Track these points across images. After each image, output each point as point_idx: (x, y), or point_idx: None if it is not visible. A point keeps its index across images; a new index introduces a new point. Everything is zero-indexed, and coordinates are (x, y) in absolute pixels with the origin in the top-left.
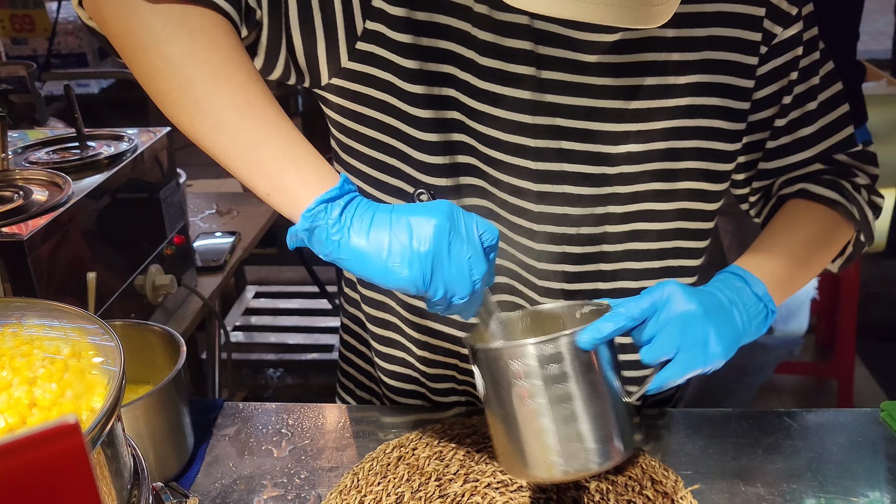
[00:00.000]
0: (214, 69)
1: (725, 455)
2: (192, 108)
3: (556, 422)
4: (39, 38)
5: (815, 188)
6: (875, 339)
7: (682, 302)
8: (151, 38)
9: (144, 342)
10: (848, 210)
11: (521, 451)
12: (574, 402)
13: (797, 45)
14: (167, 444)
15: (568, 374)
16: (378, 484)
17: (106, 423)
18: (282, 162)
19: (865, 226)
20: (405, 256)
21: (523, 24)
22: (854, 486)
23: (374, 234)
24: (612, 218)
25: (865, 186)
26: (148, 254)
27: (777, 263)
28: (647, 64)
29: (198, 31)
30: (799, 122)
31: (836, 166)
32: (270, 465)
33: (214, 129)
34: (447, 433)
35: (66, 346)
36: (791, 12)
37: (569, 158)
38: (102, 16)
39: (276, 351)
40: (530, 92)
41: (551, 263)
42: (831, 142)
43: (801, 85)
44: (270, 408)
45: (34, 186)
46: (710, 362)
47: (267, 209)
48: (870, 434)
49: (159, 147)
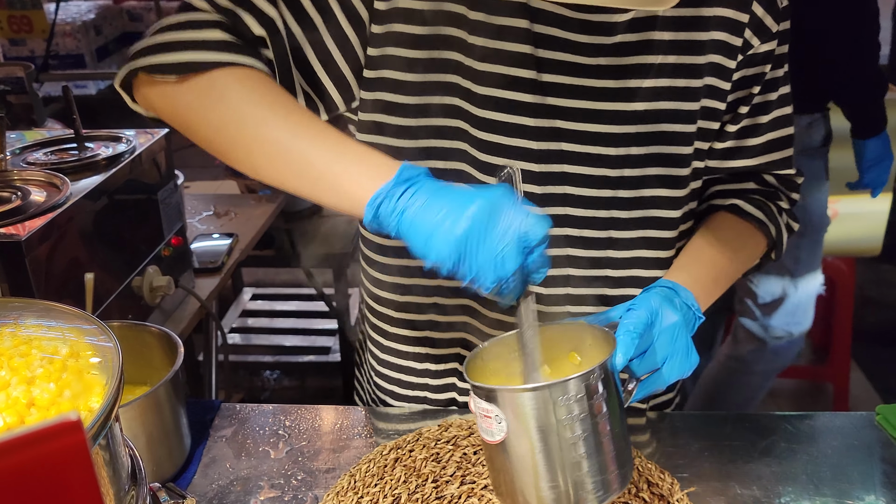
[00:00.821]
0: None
1: (721, 458)
2: (252, 144)
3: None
4: (37, 39)
5: (747, 206)
6: (870, 343)
7: (669, 314)
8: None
9: (142, 343)
10: (769, 231)
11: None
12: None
13: (768, 62)
14: (164, 445)
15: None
16: (375, 485)
17: (104, 424)
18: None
19: (779, 245)
20: (443, 232)
21: (522, 27)
22: (849, 489)
23: (426, 207)
24: (618, 223)
25: (786, 211)
26: (145, 255)
27: (705, 273)
28: (646, 66)
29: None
30: (748, 132)
31: (765, 186)
32: (267, 466)
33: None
34: (444, 435)
35: (65, 347)
36: (772, 28)
37: (570, 160)
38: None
39: (273, 353)
40: (531, 95)
41: (555, 268)
42: (772, 157)
43: (759, 97)
44: (267, 409)
45: (32, 187)
46: (690, 370)
47: (264, 211)
48: (865, 437)
49: (157, 148)
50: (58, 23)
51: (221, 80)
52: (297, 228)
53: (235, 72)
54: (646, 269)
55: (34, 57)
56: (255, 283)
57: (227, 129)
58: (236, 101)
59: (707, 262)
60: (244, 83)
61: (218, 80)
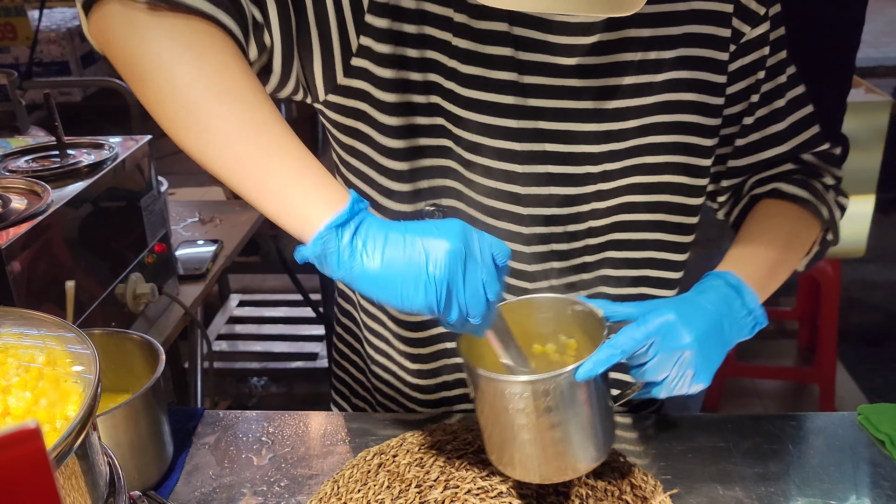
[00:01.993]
0: (221, 90)
1: (704, 459)
2: (199, 131)
3: (542, 443)
4: (21, 47)
5: (788, 187)
6: (856, 344)
7: (679, 335)
8: (158, 62)
9: (123, 351)
10: (818, 209)
11: (509, 454)
12: (562, 428)
13: (764, 45)
14: (146, 453)
15: (559, 405)
16: (358, 491)
17: (80, 432)
18: (289, 182)
19: (833, 225)
20: (420, 281)
21: (503, 31)
22: (832, 489)
23: (388, 258)
24: (596, 213)
25: (832, 187)
26: (129, 262)
27: (758, 268)
28: (624, 64)
29: (205, 53)
30: (768, 119)
31: (804, 167)
32: (250, 473)
33: (222, 150)
34: (427, 440)
35: (42, 355)
36: (759, 12)
37: (553, 160)
38: (109, 43)
39: (260, 359)
40: (513, 97)
41: (541, 264)
42: (801, 139)
43: (769, 83)
44: (251, 416)
45: (13, 195)
46: (693, 390)
47: (250, 218)
48: (848, 438)
49: (140, 155)
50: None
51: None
52: (282, 234)
53: (212, 33)
54: (620, 252)
55: (18, 64)
56: (242, 289)
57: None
58: (188, 80)
59: (762, 254)
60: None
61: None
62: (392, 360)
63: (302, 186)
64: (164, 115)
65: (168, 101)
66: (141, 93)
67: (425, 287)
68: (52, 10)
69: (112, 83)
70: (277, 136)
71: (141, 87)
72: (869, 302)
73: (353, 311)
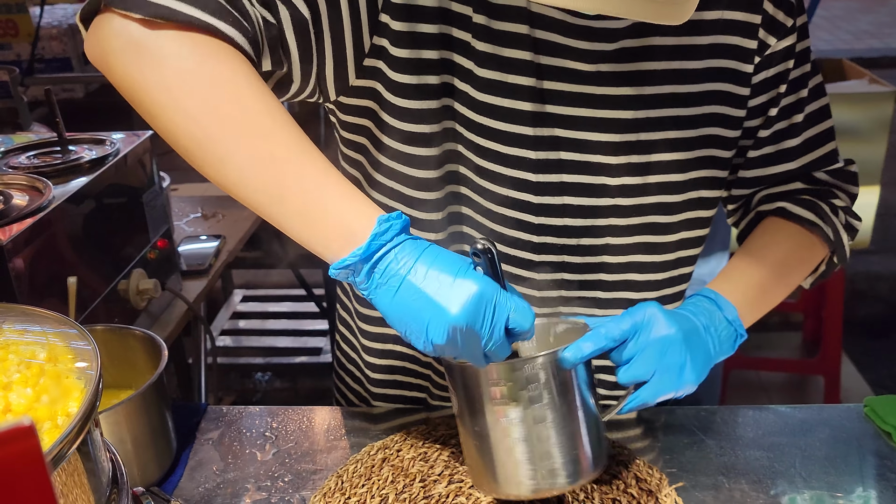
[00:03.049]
0: (236, 123)
1: (709, 452)
2: (217, 164)
3: (529, 441)
4: (23, 43)
5: (794, 208)
6: (861, 336)
7: (662, 326)
8: (168, 94)
9: (126, 347)
10: (824, 232)
11: (491, 468)
12: (549, 422)
13: (789, 58)
14: (150, 449)
15: (544, 395)
16: (362, 486)
17: (82, 428)
18: (307, 217)
19: (840, 247)
20: (419, 336)
21: (523, 33)
22: (838, 481)
23: (398, 303)
24: (615, 230)
25: (843, 208)
26: (131, 258)
27: (750, 285)
28: (648, 73)
29: (217, 83)
30: (784, 134)
31: (816, 186)
32: (254, 468)
33: (241, 184)
34: (431, 434)
35: (43, 351)
36: (786, 24)
37: (568, 169)
38: (110, 67)
39: (264, 355)
40: (530, 103)
41: (550, 273)
42: (814, 156)
43: (789, 97)
44: (254, 411)
45: (14, 191)
46: (682, 387)
47: (252, 213)
48: (854, 430)
49: (142, 151)
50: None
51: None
52: None
53: (218, 51)
54: (640, 274)
55: (20, 61)
56: (245, 284)
57: (185, 142)
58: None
59: (753, 272)
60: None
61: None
62: (392, 359)
63: (321, 221)
64: (180, 147)
65: (181, 135)
66: (151, 123)
67: (423, 345)
68: (53, 6)
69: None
70: (295, 168)
71: (150, 119)
72: (874, 293)
73: (350, 319)
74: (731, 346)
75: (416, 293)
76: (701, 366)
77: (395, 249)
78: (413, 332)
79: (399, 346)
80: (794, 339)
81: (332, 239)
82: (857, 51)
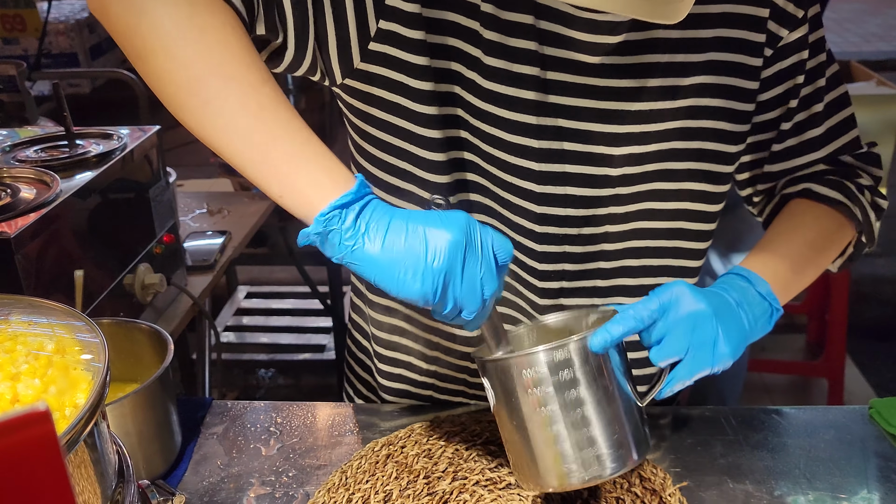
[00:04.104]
0: (225, 70)
1: (714, 452)
2: (201, 110)
3: (568, 428)
4: (31, 38)
5: (820, 188)
6: (865, 338)
7: (690, 302)
8: (160, 39)
9: (132, 340)
10: (851, 211)
11: (534, 461)
12: (586, 407)
13: (803, 48)
14: (154, 443)
15: (579, 379)
16: (366, 482)
17: (89, 420)
18: (294, 163)
19: (867, 227)
20: (418, 269)
21: (528, 23)
22: (842, 483)
23: (389, 243)
24: (614, 218)
25: (868, 188)
26: (137, 252)
27: (781, 263)
28: (651, 65)
29: (208, 31)
30: (806, 125)
31: (840, 167)
32: (258, 463)
33: (225, 131)
34: (436, 431)
35: (51, 343)
36: (797, 14)
37: (571, 160)
38: (108, 14)
39: (267, 351)
40: (534, 93)
41: (552, 264)
42: (838, 143)
43: (808, 87)
44: (259, 406)
45: (22, 185)
46: (718, 362)
47: (258, 209)
48: (858, 431)
49: (149, 145)
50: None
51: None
52: (290, 226)
53: (213, 6)
54: (637, 260)
55: (27, 56)
56: (250, 281)
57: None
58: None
59: (784, 251)
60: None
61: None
62: (406, 355)
63: (307, 169)
64: (165, 93)
65: (168, 79)
66: (141, 69)
67: (423, 276)
68: (60, 1)
69: (121, 74)
70: (283, 118)
71: (141, 64)
72: (878, 296)
73: (364, 307)
74: (768, 321)
75: (409, 227)
76: (736, 339)
77: (377, 201)
78: (407, 269)
79: (406, 340)
80: (798, 341)
81: (320, 184)
82: (865, 53)
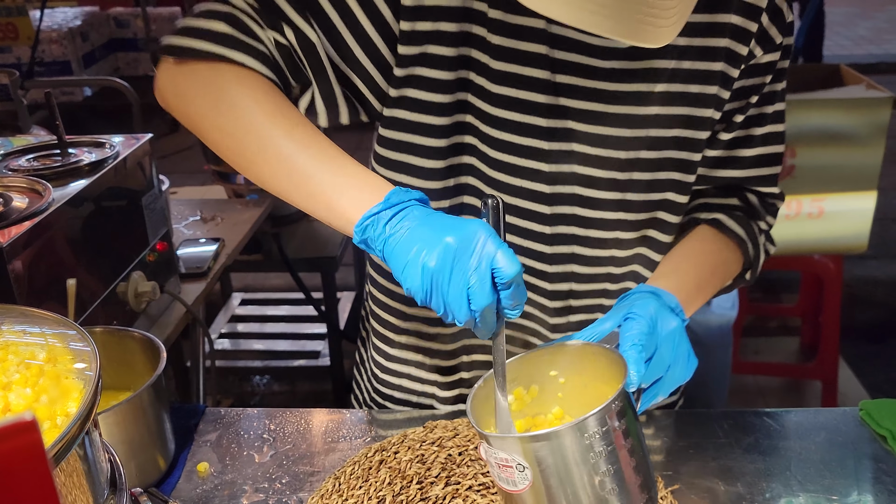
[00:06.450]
0: (273, 114)
1: (705, 455)
2: (249, 168)
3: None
4: (23, 46)
5: (729, 222)
6: (858, 340)
7: (669, 319)
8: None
9: (125, 348)
10: (748, 250)
11: None
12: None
13: (768, 73)
14: (148, 450)
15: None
16: (359, 488)
17: (81, 428)
18: (336, 188)
19: (755, 267)
20: (416, 266)
21: (539, 28)
22: (833, 484)
23: (405, 241)
24: (624, 224)
25: (765, 232)
26: (130, 260)
27: (686, 283)
28: (658, 71)
29: (255, 88)
30: (740, 142)
31: (747, 206)
32: (252, 470)
33: (276, 163)
34: (429, 436)
35: (42, 352)
36: (776, 40)
37: (580, 161)
38: (167, 105)
39: (262, 358)
40: (544, 95)
41: (561, 265)
42: (760, 172)
43: (755, 109)
44: (252, 413)
45: (14, 193)
46: (689, 375)
47: (251, 216)
48: (849, 433)
49: (141, 154)
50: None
51: (219, 77)
52: (284, 233)
53: (235, 70)
54: (645, 268)
55: (20, 64)
56: (244, 288)
57: (232, 134)
58: (240, 106)
59: (690, 270)
60: (243, 85)
61: (216, 75)
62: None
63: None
64: (222, 155)
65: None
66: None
67: (418, 273)
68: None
69: (113, 82)
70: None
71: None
72: (871, 298)
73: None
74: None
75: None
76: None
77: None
78: (409, 265)
79: (410, 338)
80: (791, 343)
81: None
82: (856, 56)
